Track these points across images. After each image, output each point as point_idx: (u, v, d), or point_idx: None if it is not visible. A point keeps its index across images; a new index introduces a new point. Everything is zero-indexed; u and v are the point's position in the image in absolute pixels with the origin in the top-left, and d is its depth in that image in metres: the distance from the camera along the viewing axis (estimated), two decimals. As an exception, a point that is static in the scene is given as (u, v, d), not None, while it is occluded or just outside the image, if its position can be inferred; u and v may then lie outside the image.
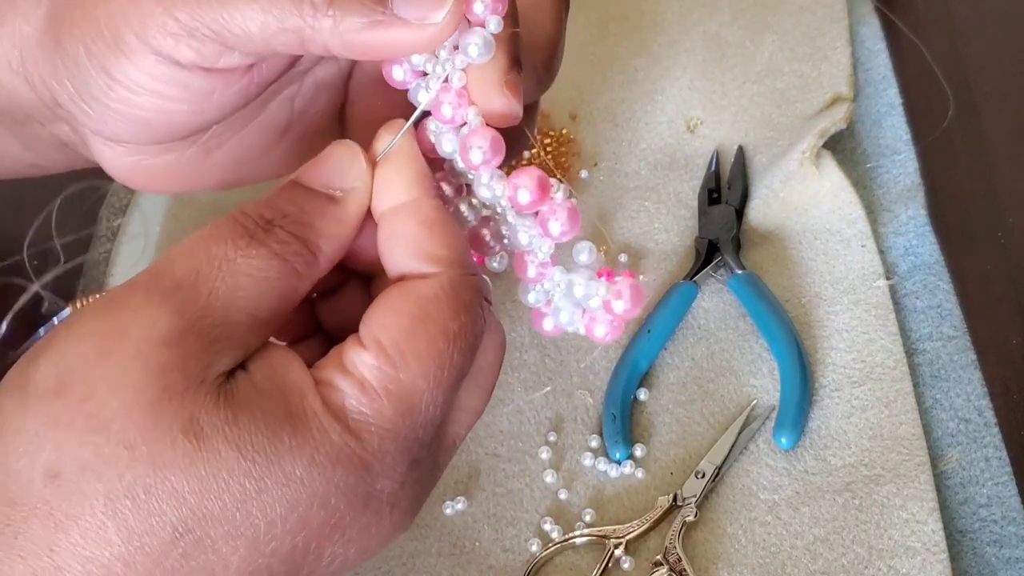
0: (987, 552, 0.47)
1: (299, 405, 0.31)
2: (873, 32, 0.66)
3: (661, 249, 0.58)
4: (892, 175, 0.59)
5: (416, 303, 0.33)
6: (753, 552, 0.47)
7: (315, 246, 0.34)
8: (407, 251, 0.34)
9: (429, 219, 0.34)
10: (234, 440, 0.30)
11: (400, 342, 0.32)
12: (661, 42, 0.67)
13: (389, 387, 0.32)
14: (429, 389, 0.32)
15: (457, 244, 0.34)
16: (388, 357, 0.32)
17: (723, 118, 0.63)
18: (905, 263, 0.55)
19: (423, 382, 0.32)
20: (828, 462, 0.49)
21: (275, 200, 0.34)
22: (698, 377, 0.53)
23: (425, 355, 0.32)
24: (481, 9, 0.35)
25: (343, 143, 0.36)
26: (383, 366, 0.32)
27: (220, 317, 0.31)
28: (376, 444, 0.32)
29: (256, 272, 0.32)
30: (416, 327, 0.32)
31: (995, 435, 0.50)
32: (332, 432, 0.31)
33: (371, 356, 0.32)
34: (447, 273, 0.34)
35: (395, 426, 0.32)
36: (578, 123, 0.64)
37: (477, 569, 0.48)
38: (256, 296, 0.32)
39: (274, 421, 0.31)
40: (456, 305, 0.33)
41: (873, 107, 0.62)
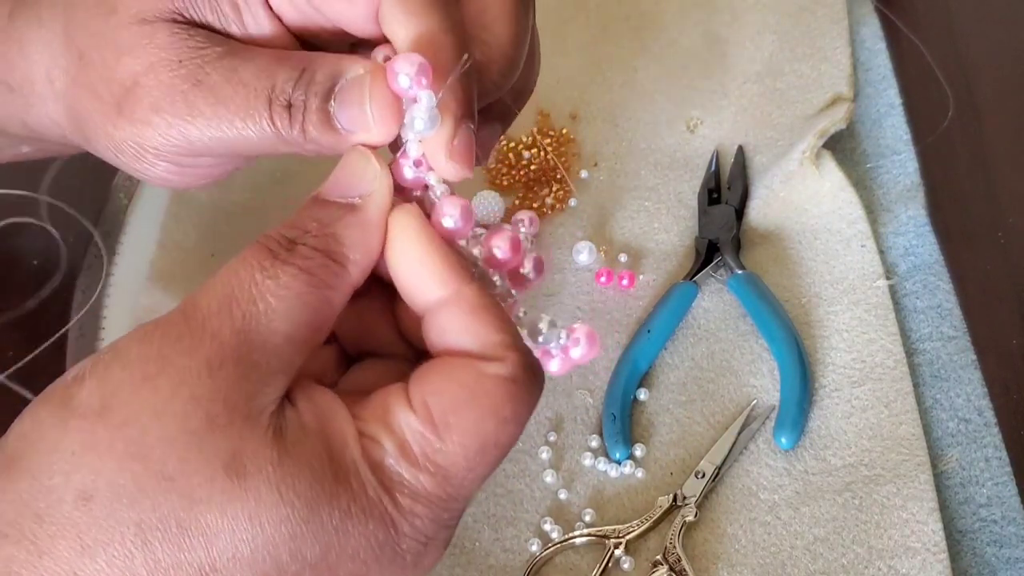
0: (987, 552, 0.47)
1: (341, 453, 0.32)
2: (873, 32, 0.66)
3: (661, 249, 0.58)
4: (892, 175, 0.59)
5: (475, 379, 0.33)
6: (753, 552, 0.47)
7: (340, 256, 0.34)
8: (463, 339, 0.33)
9: (477, 306, 0.34)
10: (276, 483, 0.30)
11: (449, 414, 0.32)
12: (661, 42, 0.67)
13: (429, 456, 0.32)
14: (468, 467, 0.32)
15: (513, 329, 0.34)
16: (434, 427, 0.32)
17: (723, 118, 0.63)
18: (905, 263, 0.55)
19: (463, 460, 0.32)
20: (828, 462, 0.49)
21: (296, 219, 0.34)
22: (698, 377, 0.53)
23: (471, 433, 0.32)
24: (407, 84, 0.35)
25: (355, 150, 0.36)
26: (427, 434, 0.32)
27: (258, 341, 0.31)
28: (408, 507, 0.32)
29: (285, 291, 0.32)
30: (469, 403, 0.32)
31: (995, 435, 0.50)
32: (369, 487, 0.31)
33: (417, 421, 0.32)
34: (512, 358, 0.33)
35: (428, 494, 0.32)
36: (578, 123, 0.64)
37: (477, 569, 0.48)
38: (289, 315, 0.32)
39: (318, 467, 0.31)
40: (515, 390, 0.33)
41: (873, 107, 0.62)
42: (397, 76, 0.35)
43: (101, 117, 0.39)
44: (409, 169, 0.37)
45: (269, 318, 0.32)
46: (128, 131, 0.38)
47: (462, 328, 0.33)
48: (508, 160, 0.61)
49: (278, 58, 0.38)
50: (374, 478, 0.32)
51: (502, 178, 0.61)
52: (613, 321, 0.55)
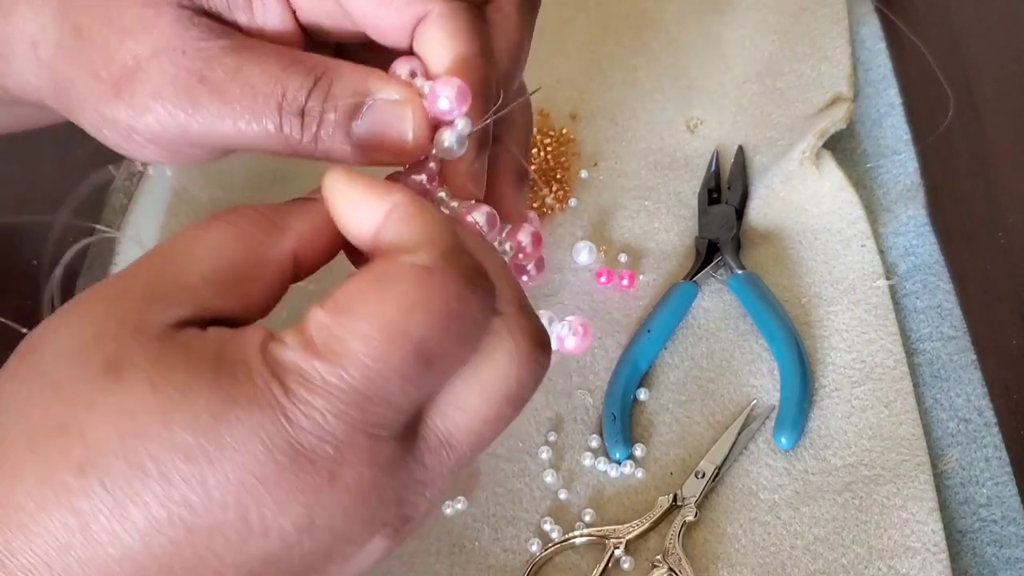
0: (987, 552, 0.47)
1: (234, 352, 0.30)
2: (873, 32, 0.66)
3: (661, 249, 0.58)
4: (892, 175, 0.59)
5: (381, 267, 0.31)
6: (753, 552, 0.47)
7: (278, 218, 0.34)
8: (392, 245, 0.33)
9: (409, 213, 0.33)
10: (150, 376, 0.29)
11: (351, 299, 0.30)
12: (661, 42, 0.67)
13: (328, 342, 0.30)
14: (371, 356, 0.30)
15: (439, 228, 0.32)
16: (336, 315, 0.30)
17: (723, 118, 0.63)
18: (905, 263, 0.55)
19: (362, 345, 0.30)
20: (828, 462, 0.49)
21: None
22: (698, 377, 0.53)
23: (371, 318, 0.30)
24: (448, 107, 0.36)
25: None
26: (327, 322, 0.30)
27: (169, 277, 0.32)
28: (302, 396, 0.30)
29: (207, 236, 0.33)
30: (370, 288, 0.31)
31: (995, 435, 0.50)
32: (257, 375, 0.30)
33: (324, 313, 0.31)
34: (429, 248, 0.31)
35: (326, 384, 0.30)
36: (578, 123, 0.64)
37: (477, 569, 0.48)
38: (206, 258, 0.32)
39: (199, 361, 0.30)
40: (424, 275, 0.31)
41: (873, 107, 0.62)
42: (439, 99, 0.36)
43: (94, 95, 0.39)
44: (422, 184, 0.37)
45: (186, 258, 0.32)
46: (123, 113, 0.38)
47: (393, 233, 0.33)
48: (508, 160, 0.61)
49: (289, 60, 0.37)
50: (265, 369, 0.30)
51: (502, 178, 0.61)
52: (613, 321, 0.55)
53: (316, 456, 0.30)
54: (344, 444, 0.30)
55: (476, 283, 0.32)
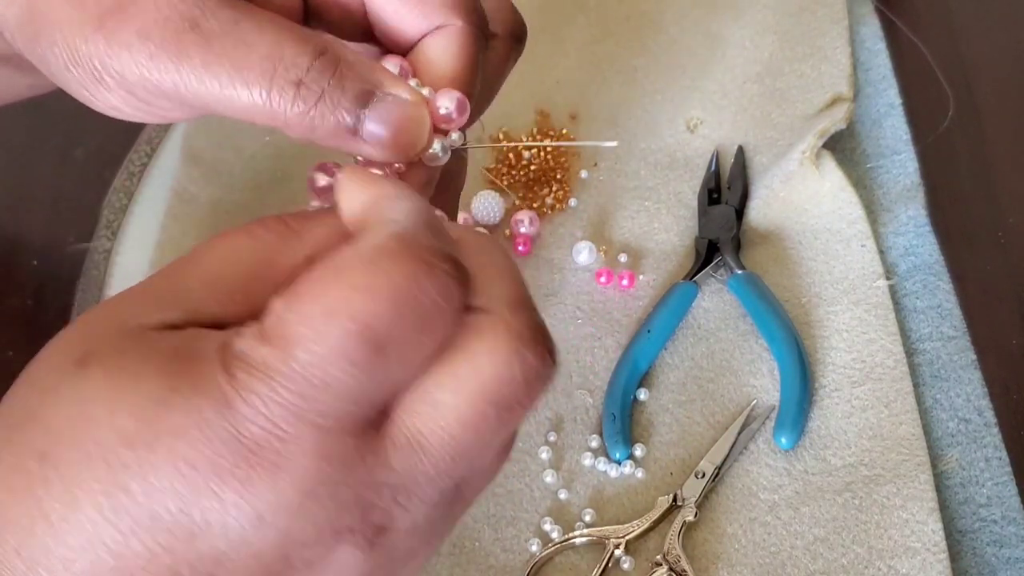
0: (987, 552, 0.47)
1: (195, 344, 0.29)
2: (873, 32, 0.66)
3: (661, 249, 0.58)
4: (892, 175, 0.59)
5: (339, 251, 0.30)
6: (753, 552, 0.47)
7: (293, 225, 0.32)
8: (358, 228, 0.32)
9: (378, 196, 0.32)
10: (107, 366, 0.29)
11: (299, 286, 0.29)
12: (661, 42, 0.67)
13: (275, 328, 0.29)
14: (313, 339, 0.28)
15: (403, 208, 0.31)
16: (285, 301, 0.29)
17: (723, 118, 0.63)
18: (905, 263, 0.55)
19: (304, 328, 0.28)
20: (828, 462, 0.49)
21: None
22: (698, 377, 0.53)
23: (315, 299, 0.29)
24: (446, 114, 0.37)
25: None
26: (277, 308, 0.29)
27: (169, 280, 0.31)
28: (242, 380, 0.28)
29: (223, 244, 0.32)
30: (321, 272, 0.29)
31: (995, 435, 0.50)
32: (204, 364, 0.29)
33: (280, 300, 0.29)
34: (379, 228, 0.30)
35: (267, 368, 0.28)
36: (578, 123, 0.64)
37: (477, 569, 0.48)
38: (213, 262, 0.31)
39: (155, 351, 0.29)
40: (371, 257, 0.29)
41: (873, 107, 0.62)
42: (440, 109, 0.37)
43: (74, 24, 0.37)
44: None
45: (193, 263, 0.31)
46: (100, 49, 0.36)
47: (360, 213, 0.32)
48: (508, 160, 0.61)
49: (288, 27, 0.36)
50: (216, 358, 0.29)
51: (502, 178, 0.61)
52: (613, 321, 0.55)
53: (257, 446, 0.28)
54: (288, 434, 0.28)
55: (434, 266, 0.29)
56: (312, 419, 0.28)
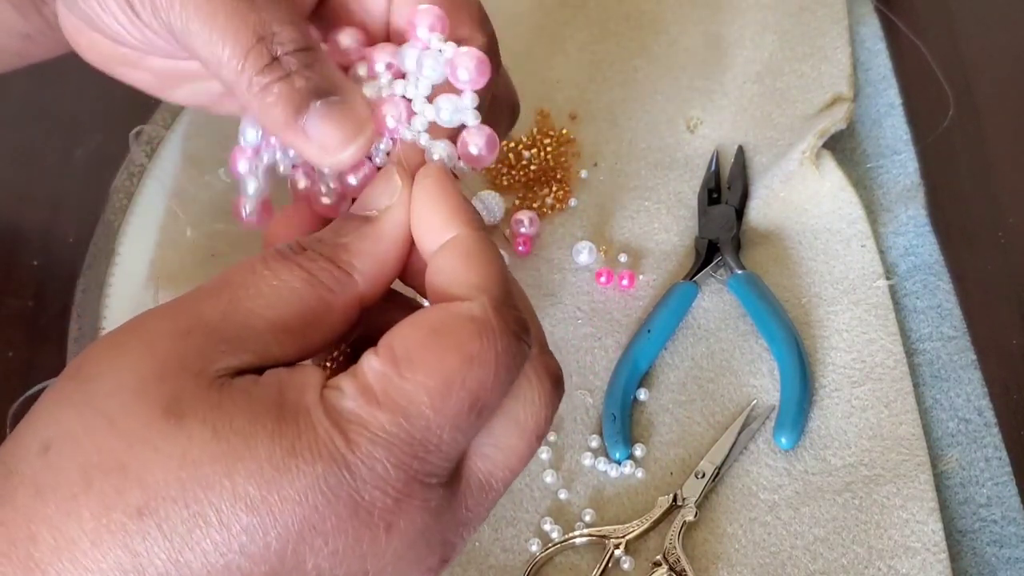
0: (987, 552, 0.47)
1: (294, 399, 0.31)
2: (873, 32, 0.66)
3: (661, 249, 0.58)
4: (892, 175, 0.59)
5: (438, 317, 0.32)
6: (753, 552, 0.47)
7: (345, 263, 0.34)
8: (447, 282, 0.34)
9: (468, 251, 0.34)
10: (212, 421, 0.29)
11: (411, 350, 0.31)
12: (661, 42, 0.67)
13: (389, 393, 0.31)
14: (432, 407, 0.31)
15: (495, 274, 0.33)
16: (395, 364, 0.31)
17: (723, 118, 0.63)
18: (905, 263, 0.55)
19: (425, 396, 0.31)
20: (828, 462, 0.49)
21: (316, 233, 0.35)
22: (698, 377, 0.53)
23: (433, 368, 0.31)
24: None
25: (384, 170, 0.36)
26: (388, 372, 0.31)
27: (237, 321, 0.31)
28: (364, 448, 0.30)
29: (278, 282, 0.32)
30: (430, 339, 0.31)
31: (995, 435, 0.50)
32: (319, 426, 0.30)
33: (380, 362, 0.31)
34: (480, 298, 0.32)
35: (388, 435, 0.30)
36: (578, 123, 0.64)
37: (477, 569, 0.48)
38: (277, 304, 0.32)
39: (260, 408, 0.30)
40: (482, 327, 0.32)
41: (873, 107, 0.62)
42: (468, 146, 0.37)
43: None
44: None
45: (255, 302, 0.32)
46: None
47: (449, 268, 0.34)
48: (508, 160, 0.61)
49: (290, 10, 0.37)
50: (326, 418, 0.30)
51: (502, 178, 0.61)
52: (613, 321, 0.55)
53: (375, 507, 0.30)
54: (401, 494, 0.31)
55: (521, 336, 0.33)
56: (421, 478, 0.31)
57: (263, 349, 0.32)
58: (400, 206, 0.35)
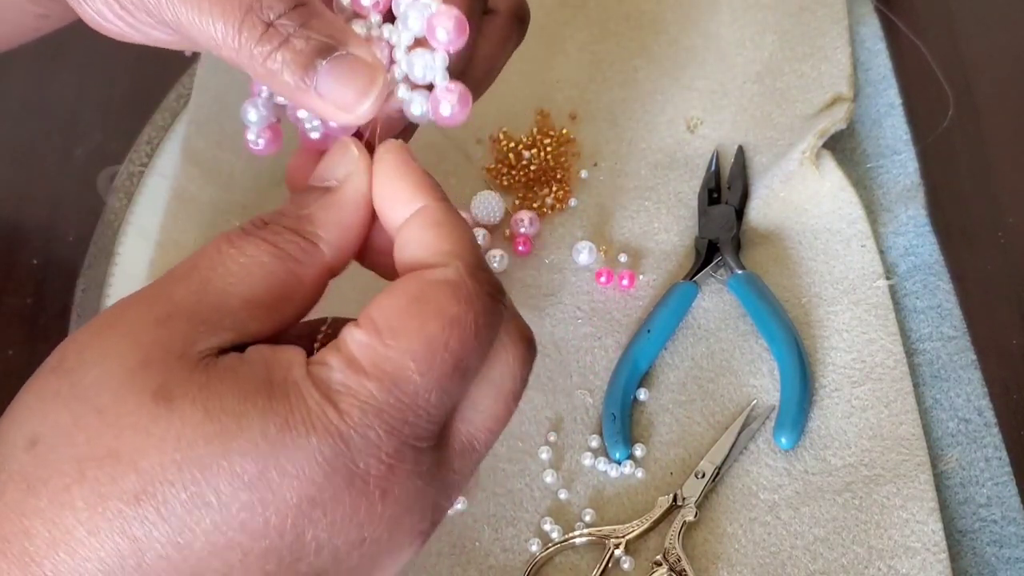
0: (987, 552, 0.47)
1: (281, 376, 0.31)
2: (873, 32, 0.66)
3: (661, 249, 0.58)
4: (892, 175, 0.59)
5: (416, 285, 0.32)
6: (753, 552, 0.47)
7: (310, 233, 0.34)
8: (417, 252, 0.34)
9: (437, 220, 0.34)
10: (202, 402, 0.30)
11: (392, 319, 0.32)
12: (661, 42, 0.67)
13: (376, 362, 0.31)
14: (418, 371, 0.31)
15: (466, 241, 0.34)
16: (378, 334, 0.31)
17: (723, 118, 0.63)
18: (905, 263, 0.55)
19: (411, 361, 0.31)
20: (828, 462, 0.49)
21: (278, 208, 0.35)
22: (698, 377, 0.53)
23: (415, 334, 0.31)
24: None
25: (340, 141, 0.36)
26: (372, 342, 0.31)
27: (211, 302, 0.32)
28: (356, 417, 0.30)
29: (246, 258, 0.33)
30: (411, 306, 0.32)
31: (995, 435, 0.50)
32: (309, 399, 0.30)
33: (362, 333, 0.31)
34: (454, 262, 0.33)
35: (378, 402, 0.31)
36: (578, 123, 0.64)
37: (477, 569, 0.48)
38: (248, 280, 0.32)
39: (249, 386, 0.30)
40: (459, 291, 0.32)
41: (873, 107, 0.62)
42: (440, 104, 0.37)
43: None
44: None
45: (227, 281, 0.32)
46: None
47: (418, 239, 0.34)
48: (508, 160, 0.61)
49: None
50: (316, 391, 0.30)
51: (502, 178, 0.61)
52: (613, 321, 0.55)
53: (369, 474, 0.31)
54: (394, 459, 0.31)
55: (497, 297, 0.33)
56: (412, 442, 0.32)
57: (241, 326, 0.32)
58: (360, 173, 0.35)
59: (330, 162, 0.36)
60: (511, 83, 0.65)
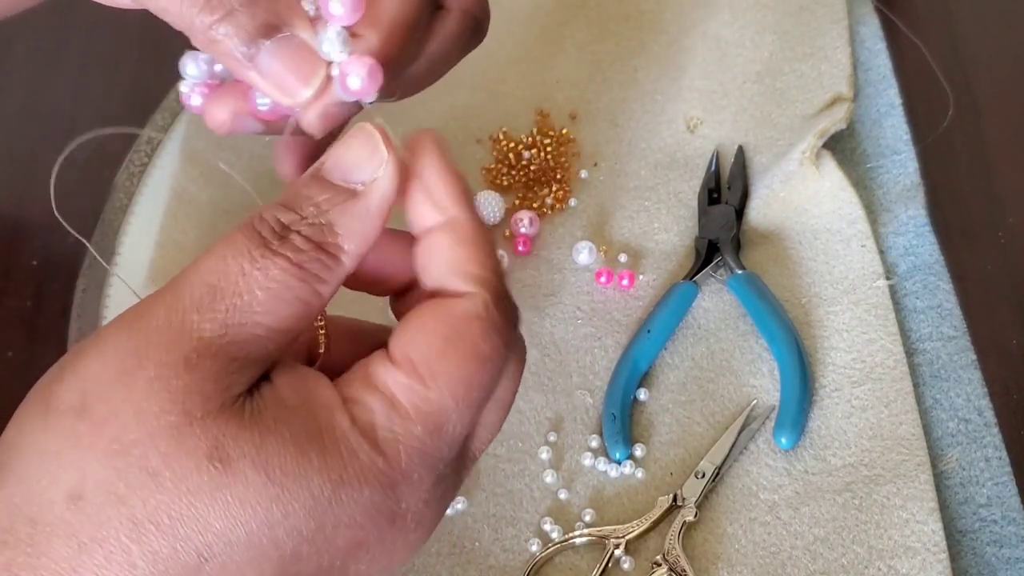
0: (987, 552, 0.47)
1: (328, 423, 0.31)
2: (873, 32, 0.66)
3: (661, 249, 0.58)
4: (892, 175, 0.59)
5: (450, 323, 0.32)
6: (753, 552, 0.47)
7: (335, 247, 0.32)
8: (444, 268, 0.33)
9: (468, 238, 0.34)
10: (261, 464, 0.30)
11: (432, 361, 0.32)
12: (661, 42, 0.67)
13: (419, 406, 0.32)
14: (457, 409, 0.32)
15: (494, 265, 0.34)
16: (419, 376, 0.32)
17: (723, 118, 0.63)
18: (905, 263, 0.55)
19: (452, 402, 0.32)
20: (828, 462, 0.49)
21: (293, 200, 0.33)
22: (698, 377, 0.53)
23: (455, 375, 0.32)
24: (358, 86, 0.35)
25: (363, 129, 0.34)
26: (414, 384, 0.32)
27: (238, 334, 0.31)
28: (404, 463, 0.32)
29: (273, 284, 0.31)
30: (448, 347, 0.32)
31: (995, 435, 0.50)
32: (360, 451, 0.31)
33: (403, 375, 0.32)
34: (482, 294, 0.33)
35: (423, 445, 0.32)
36: (578, 123, 0.64)
37: (477, 569, 0.48)
38: (274, 308, 0.31)
39: (303, 441, 0.31)
40: (488, 327, 0.33)
41: (873, 107, 0.62)
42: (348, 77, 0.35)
43: None
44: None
45: (254, 310, 0.31)
46: None
47: (448, 257, 0.33)
48: (508, 160, 0.61)
49: None
50: (366, 443, 0.31)
51: (502, 178, 0.61)
52: (613, 321, 0.55)
53: (409, 511, 0.32)
54: (430, 493, 0.33)
55: (516, 325, 0.34)
56: (441, 471, 0.33)
57: (266, 356, 0.32)
58: (388, 179, 0.33)
59: (354, 156, 0.33)
60: (511, 83, 0.65)
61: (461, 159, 0.62)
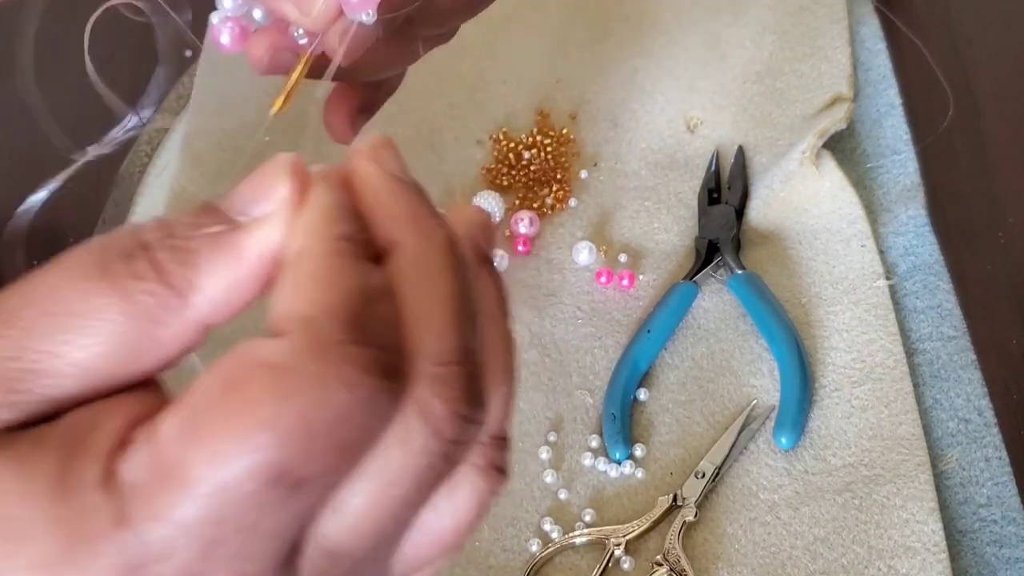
0: (987, 552, 0.47)
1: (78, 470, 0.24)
2: (873, 32, 0.66)
3: (661, 249, 0.58)
4: (892, 175, 0.59)
5: (234, 368, 0.24)
6: (753, 552, 0.47)
7: (181, 281, 0.26)
8: (278, 300, 0.25)
9: (306, 270, 0.25)
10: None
11: (199, 412, 0.24)
12: (661, 42, 0.67)
13: (173, 467, 0.24)
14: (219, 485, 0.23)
15: (339, 296, 0.25)
16: (181, 430, 0.24)
17: (723, 118, 0.63)
18: (905, 263, 0.55)
19: (208, 470, 0.23)
20: (828, 462, 0.49)
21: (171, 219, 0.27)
22: (698, 377, 0.53)
23: (218, 437, 0.23)
24: None
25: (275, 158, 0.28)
26: (176, 437, 0.24)
27: (31, 361, 0.25)
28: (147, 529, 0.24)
29: (89, 312, 0.25)
30: (221, 397, 0.24)
31: (995, 435, 0.50)
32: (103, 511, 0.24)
33: (176, 423, 0.24)
34: (297, 332, 0.24)
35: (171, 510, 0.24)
36: (578, 123, 0.64)
37: (477, 569, 0.48)
38: (83, 343, 0.25)
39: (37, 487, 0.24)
40: (275, 379, 0.23)
41: (873, 107, 0.62)
42: None
43: None
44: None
45: (56, 338, 0.25)
46: None
47: (285, 282, 0.26)
48: (508, 160, 0.61)
49: None
50: (109, 501, 0.24)
51: (502, 178, 0.61)
52: (613, 321, 0.55)
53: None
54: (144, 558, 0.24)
55: (356, 385, 0.24)
56: (232, 564, 0.24)
57: (64, 396, 0.25)
58: (274, 225, 0.26)
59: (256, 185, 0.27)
60: (511, 83, 0.65)
61: (461, 159, 0.62)
